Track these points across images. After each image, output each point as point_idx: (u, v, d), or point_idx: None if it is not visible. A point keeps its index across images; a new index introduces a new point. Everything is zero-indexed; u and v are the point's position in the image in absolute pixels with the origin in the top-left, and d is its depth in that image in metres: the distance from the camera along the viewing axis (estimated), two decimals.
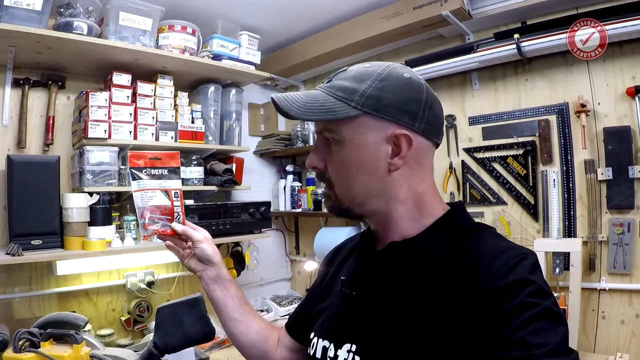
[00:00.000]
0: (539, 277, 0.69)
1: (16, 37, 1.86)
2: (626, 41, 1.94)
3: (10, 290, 2.08)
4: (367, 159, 0.79)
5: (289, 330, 1.11)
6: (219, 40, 2.53)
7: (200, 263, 1.08)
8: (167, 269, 2.65)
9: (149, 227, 1.03)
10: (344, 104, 0.77)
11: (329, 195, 0.85)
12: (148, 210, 1.03)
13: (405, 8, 2.33)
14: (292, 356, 1.09)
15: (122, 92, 2.24)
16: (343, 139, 0.79)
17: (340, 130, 0.79)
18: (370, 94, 0.76)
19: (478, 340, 0.65)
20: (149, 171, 1.07)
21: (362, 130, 0.78)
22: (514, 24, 2.24)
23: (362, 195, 0.81)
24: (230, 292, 1.09)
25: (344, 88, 0.78)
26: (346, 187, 0.81)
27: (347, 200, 0.82)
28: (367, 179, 0.79)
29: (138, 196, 1.02)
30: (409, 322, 0.74)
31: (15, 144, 2.13)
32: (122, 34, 2.15)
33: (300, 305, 1.15)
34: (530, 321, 0.62)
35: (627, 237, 1.97)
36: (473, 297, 0.68)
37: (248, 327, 1.09)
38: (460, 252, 0.76)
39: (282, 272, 3.47)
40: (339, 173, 0.81)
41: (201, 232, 1.08)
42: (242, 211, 2.61)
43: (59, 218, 2.02)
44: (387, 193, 0.81)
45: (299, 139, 3.11)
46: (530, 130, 2.25)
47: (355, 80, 0.78)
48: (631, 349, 1.96)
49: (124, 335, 2.40)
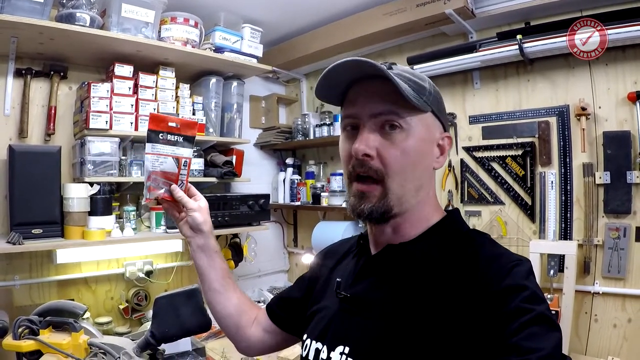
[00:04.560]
0: (534, 283, 0.71)
1: (19, 28, 1.86)
2: (629, 46, 1.93)
3: (10, 278, 2.12)
4: (427, 153, 0.82)
5: (269, 312, 1.14)
6: (221, 32, 2.52)
7: (190, 230, 1.10)
8: (166, 258, 2.68)
9: (152, 191, 1.05)
10: (419, 96, 0.78)
11: (371, 195, 0.79)
12: (156, 174, 1.04)
13: (409, 5, 2.32)
14: (265, 337, 1.12)
15: (123, 83, 2.24)
16: (410, 128, 0.78)
17: (411, 120, 0.78)
18: (434, 94, 0.82)
19: (472, 345, 0.66)
20: (165, 136, 1.07)
21: (427, 125, 0.81)
22: (517, 25, 2.22)
23: (411, 190, 0.80)
24: (214, 263, 1.11)
25: (414, 81, 0.80)
26: (404, 180, 0.79)
27: (397, 196, 0.78)
28: (422, 172, 0.82)
29: (149, 159, 1.04)
30: (403, 326, 0.74)
31: (17, 134, 2.15)
32: (124, 26, 2.14)
33: (285, 291, 1.17)
34: (525, 326, 0.63)
35: (622, 241, 1.98)
36: (467, 301, 0.69)
37: (226, 299, 1.12)
38: (456, 257, 0.77)
39: (279, 264, 3.50)
40: (401, 162, 0.78)
41: (197, 201, 1.10)
42: (241, 203, 2.62)
43: (60, 207, 2.04)
44: (422, 192, 0.83)
45: (299, 132, 3.12)
46: (530, 132, 2.25)
47: (416, 76, 0.81)
48: (622, 352, 1.97)
49: (122, 324, 2.44)
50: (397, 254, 0.81)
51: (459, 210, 0.90)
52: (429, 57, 2.43)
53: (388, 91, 0.76)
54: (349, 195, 0.83)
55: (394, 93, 0.75)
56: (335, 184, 2.79)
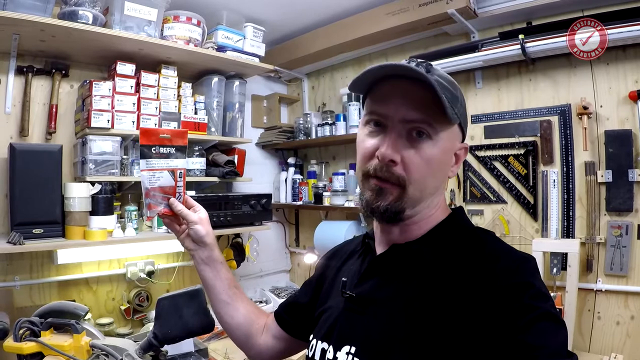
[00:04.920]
0: (539, 280, 0.71)
1: (20, 25, 1.84)
2: (630, 45, 1.94)
3: (10, 279, 2.09)
4: (447, 163, 0.82)
5: (277, 318, 1.13)
6: (223, 31, 2.52)
7: (193, 243, 1.09)
8: (167, 259, 2.67)
9: (153, 208, 1.05)
10: (451, 108, 0.75)
11: (389, 194, 0.78)
12: (154, 191, 1.04)
13: (411, 5, 2.33)
14: (275, 343, 1.11)
15: (125, 81, 2.23)
16: (438, 138, 0.77)
17: (440, 130, 0.77)
18: (464, 106, 0.82)
19: (479, 342, 0.66)
20: (157, 149, 1.07)
21: (452, 136, 0.81)
22: (519, 24, 2.24)
23: (429, 196, 0.82)
24: (220, 274, 1.11)
25: (449, 90, 0.77)
26: (423, 188, 0.79)
27: (413, 201, 0.79)
28: (439, 182, 0.84)
29: (146, 176, 1.04)
30: (408, 325, 0.74)
31: (18, 132, 2.13)
32: (127, 24, 2.13)
33: (292, 296, 1.16)
34: (532, 323, 0.63)
35: (625, 239, 1.99)
36: (474, 299, 0.69)
37: (235, 310, 1.12)
38: (462, 255, 0.77)
39: (281, 264, 3.49)
40: (423, 171, 0.77)
41: (198, 213, 1.09)
42: (243, 203, 2.61)
43: (61, 207, 2.02)
44: (435, 198, 0.84)
45: (301, 131, 3.12)
46: (532, 131, 2.26)
47: (451, 85, 0.79)
48: (625, 349, 1.99)
49: (124, 325, 2.42)
50: (402, 253, 0.81)
51: (463, 208, 0.91)
52: (432, 57, 2.42)
53: (426, 98, 0.74)
54: (365, 189, 0.81)
55: (432, 102, 0.73)
56: (337, 184, 2.79)
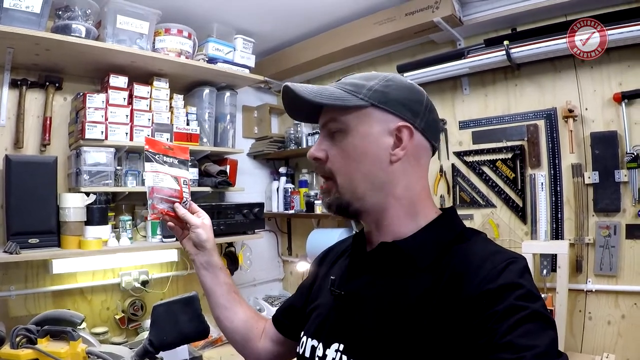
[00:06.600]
0: (528, 281, 0.70)
1: (15, 38, 1.88)
2: (613, 48, 1.97)
3: (6, 288, 2.10)
4: (372, 147, 0.82)
5: (274, 322, 1.14)
6: (214, 43, 2.56)
7: (194, 247, 1.11)
8: (162, 268, 2.68)
9: (156, 207, 1.06)
10: (353, 96, 0.81)
11: (329, 190, 0.86)
12: (157, 191, 1.05)
13: (398, 14, 2.38)
14: (274, 348, 1.12)
15: (118, 94, 2.27)
16: (348, 128, 0.82)
17: (347, 120, 0.82)
18: (377, 89, 0.82)
19: (467, 343, 0.66)
20: (161, 157, 1.09)
21: (368, 120, 0.82)
22: (504, 31, 2.29)
23: (363, 186, 0.82)
24: (219, 279, 1.12)
25: (354, 84, 0.84)
26: (350, 177, 0.83)
27: (349, 192, 0.83)
28: (370, 167, 0.82)
29: (150, 176, 1.05)
30: (397, 323, 0.75)
31: (13, 144, 2.16)
32: (119, 37, 2.18)
33: (288, 300, 1.17)
34: (519, 324, 0.63)
35: (613, 239, 2.02)
36: (462, 299, 0.69)
37: (234, 314, 1.12)
38: (450, 255, 0.77)
39: (274, 273, 3.50)
40: (343, 162, 0.83)
41: (201, 218, 1.11)
42: (235, 212, 2.64)
43: (56, 217, 2.05)
44: (387, 186, 0.82)
45: (292, 141, 3.15)
46: (519, 135, 2.30)
47: (363, 78, 0.85)
48: (617, 349, 2.00)
49: (118, 334, 2.42)
50: (390, 251, 0.82)
51: (454, 208, 0.90)
52: (418, 65, 2.48)
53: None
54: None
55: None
56: None
